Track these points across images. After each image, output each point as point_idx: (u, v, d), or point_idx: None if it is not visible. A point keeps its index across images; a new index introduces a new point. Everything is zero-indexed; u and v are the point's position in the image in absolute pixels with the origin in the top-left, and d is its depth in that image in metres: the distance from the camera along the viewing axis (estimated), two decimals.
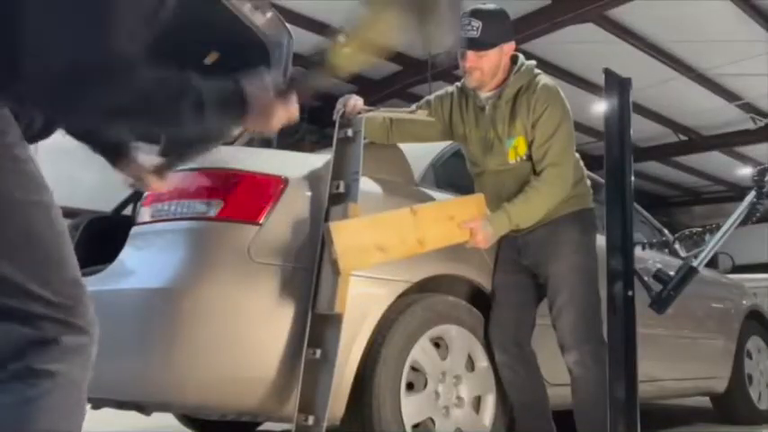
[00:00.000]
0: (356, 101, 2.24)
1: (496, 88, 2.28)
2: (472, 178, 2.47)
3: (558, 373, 2.50)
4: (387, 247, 1.93)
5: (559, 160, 2.22)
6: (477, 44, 2.19)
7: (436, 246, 2.06)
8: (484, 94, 2.31)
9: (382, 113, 2.35)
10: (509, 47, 2.27)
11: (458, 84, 2.44)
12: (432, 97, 2.48)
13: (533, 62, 2.32)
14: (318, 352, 1.86)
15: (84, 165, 9.64)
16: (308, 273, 1.91)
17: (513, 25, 2.33)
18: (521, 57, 2.32)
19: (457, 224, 2.08)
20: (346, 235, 1.86)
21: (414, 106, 2.46)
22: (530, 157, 2.25)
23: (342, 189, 2.00)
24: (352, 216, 1.93)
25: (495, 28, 2.21)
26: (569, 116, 2.26)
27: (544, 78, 2.29)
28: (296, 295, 1.89)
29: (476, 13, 2.17)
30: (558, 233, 2.27)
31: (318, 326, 1.89)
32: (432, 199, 2.35)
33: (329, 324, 1.89)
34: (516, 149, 2.26)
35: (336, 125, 2.18)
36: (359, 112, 2.20)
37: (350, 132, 2.14)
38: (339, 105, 2.23)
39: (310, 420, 1.82)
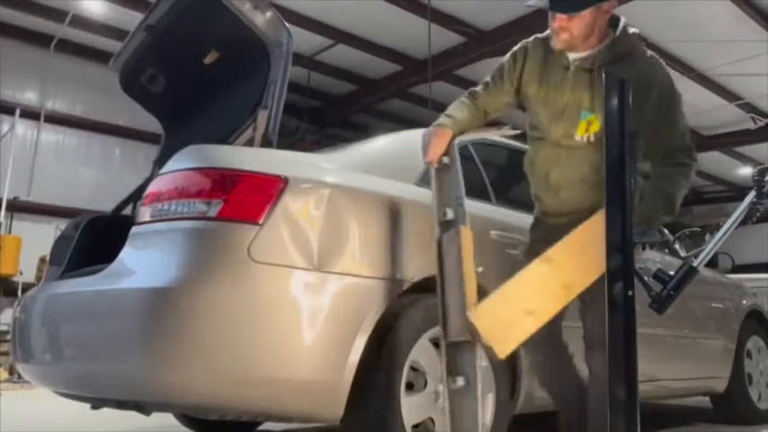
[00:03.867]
0: (443, 139, 2.13)
1: (589, 50, 2.02)
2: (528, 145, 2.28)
3: None
4: (535, 309, 1.85)
5: (690, 142, 2.00)
6: (566, 7, 1.92)
7: (586, 283, 1.90)
8: (573, 55, 2.05)
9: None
10: (609, 5, 1.96)
11: (538, 35, 2.17)
12: (505, 59, 2.21)
13: (636, 29, 2.05)
14: (460, 380, 1.89)
15: (84, 165, 9.67)
16: (308, 273, 1.90)
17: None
18: (622, 19, 2.04)
19: (592, 252, 1.88)
20: (488, 319, 1.80)
21: (481, 86, 2.26)
22: (599, 140, 1.99)
23: (450, 216, 2.03)
24: (465, 238, 1.93)
25: None
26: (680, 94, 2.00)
27: (648, 51, 2.04)
28: (295, 295, 1.89)
29: None
30: None
31: (453, 354, 1.93)
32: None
33: (463, 350, 1.92)
34: (589, 125, 2.00)
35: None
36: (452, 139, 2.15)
37: (446, 160, 2.14)
38: (426, 139, 2.15)
39: None
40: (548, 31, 2.11)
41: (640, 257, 2.02)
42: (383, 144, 2.68)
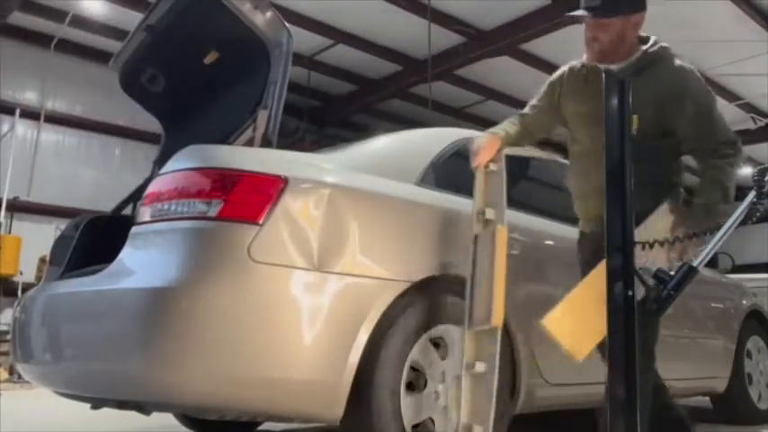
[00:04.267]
0: (492, 146, 2.29)
1: (621, 62, 2.13)
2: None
3: (558, 372, 2.50)
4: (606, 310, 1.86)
5: (732, 135, 2.09)
6: (596, 11, 2.05)
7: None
8: (607, 67, 2.15)
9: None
10: (637, 17, 2.09)
11: (573, 62, 2.34)
12: (544, 87, 2.40)
13: (666, 44, 2.18)
14: (481, 365, 2.04)
15: (84, 165, 9.68)
16: (308, 273, 1.90)
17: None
18: (653, 37, 2.18)
19: (656, 247, 1.94)
20: (561, 325, 1.83)
21: (527, 108, 2.44)
22: (639, 141, 2.03)
23: (490, 215, 2.22)
24: (500, 237, 2.12)
25: None
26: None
27: (678, 60, 2.15)
28: (295, 295, 1.89)
29: None
30: None
31: (476, 341, 2.09)
32: (432, 199, 2.35)
33: (487, 338, 2.08)
34: None
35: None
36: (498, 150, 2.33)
37: (493, 167, 2.31)
38: (476, 144, 2.31)
39: (476, 429, 2.00)
40: (583, 56, 2.24)
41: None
42: (383, 144, 2.68)
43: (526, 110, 2.46)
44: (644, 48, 2.15)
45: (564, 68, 2.35)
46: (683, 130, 2.12)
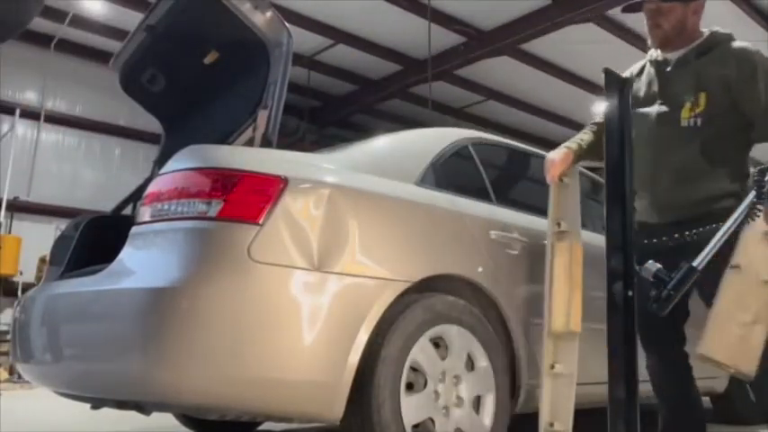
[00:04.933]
0: (565, 160, 2.37)
1: (683, 48, 2.18)
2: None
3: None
4: (756, 316, 1.85)
5: None
6: None
7: None
8: (670, 54, 2.21)
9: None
10: (697, 5, 2.16)
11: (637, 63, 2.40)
12: None
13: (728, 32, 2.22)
14: (560, 367, 2.26)
15: (84, 165, 9.68)
16: (308, 273, 1.90)
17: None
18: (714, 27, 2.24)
19: None
20: (722, 347, 1.82)
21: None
22: (706, 123, 2.09)
23: (564, 227, 2.37)
24: (576, 251, 2.30)
25: None
26: None
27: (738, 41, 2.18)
28: (295, 295, 1.89)
29: None
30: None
31: (556, 344, 2.30)
32: (432, 199, 2.35)
33: (566, 341, 2.28)
34: (694, 104, 2.11)
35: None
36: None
37: (566, 180, 2.43)
38: (549, 159, 2.41)
39: (557, 426, 2.20)
40: (648, 54, 2.30)
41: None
42: (383, 144, 2.68)
43: (596, 119, 2.52)
44: (711, 31, 2.20)
45: (628, 72, 2.38)
46: (756, 110, 2.09)
